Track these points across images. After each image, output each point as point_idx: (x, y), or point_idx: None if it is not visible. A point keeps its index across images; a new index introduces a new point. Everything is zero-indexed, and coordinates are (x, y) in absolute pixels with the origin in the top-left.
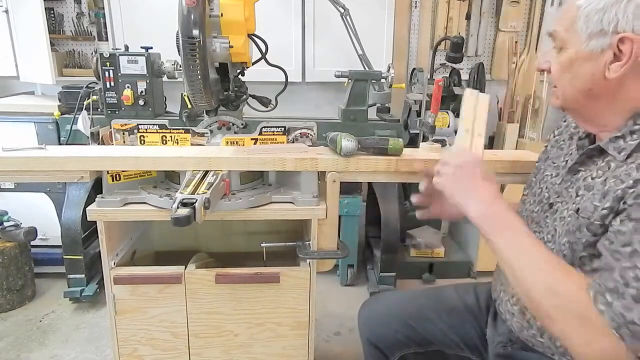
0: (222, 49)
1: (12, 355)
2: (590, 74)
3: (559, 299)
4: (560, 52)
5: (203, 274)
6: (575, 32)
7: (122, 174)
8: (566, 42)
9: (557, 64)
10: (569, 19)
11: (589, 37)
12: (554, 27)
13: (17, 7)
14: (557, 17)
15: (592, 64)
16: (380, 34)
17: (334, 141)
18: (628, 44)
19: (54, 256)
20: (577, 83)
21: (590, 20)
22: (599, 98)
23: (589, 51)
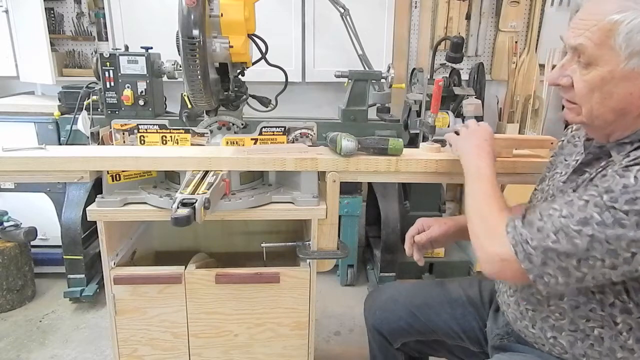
0: (222, 49)
1: (12, 355)
2: (627, 93)
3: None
4: (588, 69)
5: (203, 274)
6: (610, 49)
7: (122, 174)
8: (597, 59)
9: (584, 82)
10: (599, 32)
11: (630, 55)
12: (577, 39)
13: (17, 7)
14: (577, 26)
15: (630, 83)
16: (380, 34)
17: (334, 141)
18: None
19: (54, 256)
20: (608, 103)
21: (632, 39)
22: (628, 115)
23: (629, 70)
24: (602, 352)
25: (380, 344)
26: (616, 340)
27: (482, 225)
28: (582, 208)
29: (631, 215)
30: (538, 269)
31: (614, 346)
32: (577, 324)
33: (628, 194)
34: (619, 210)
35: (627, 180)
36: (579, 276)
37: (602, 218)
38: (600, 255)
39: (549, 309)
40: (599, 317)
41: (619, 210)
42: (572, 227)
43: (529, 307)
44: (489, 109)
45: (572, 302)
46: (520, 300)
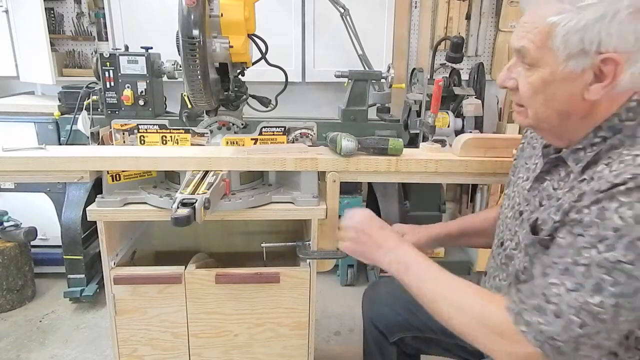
0: (222, 49)
1: (12, 355)
2: (568, 95)
3: (484, 323)
4: (531, 71)
5: (203, 274)
6: (549, 51)
7: (122, 174)
8: (539, 61)
9: (528, 84)
10: (539, 34)
11: (568, 57)
12: (520, 42)
13: (17, 7)
14: (521, 29)
15: (570, 84)
16: (380, 34)
17: (334, 141)
18: (611, 64)
19: (54, 256)
20: (552, 104)
21: (569, 40)
22: (572, 117)
23: (568, 72)
24: None
25: (375, 338)
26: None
27: (482, 329)
28: (586, 274)
29: (638, 263)
30: (571, 355)
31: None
32: None
33: (623, 238)
34: (625, 262)
35: (614, 223)
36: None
37: (614, 278)
38: (627, 317)
39: None
40: None
41: (625, 264)
42: (590, 301)
43: None
44: (489, 109)
45: None
46: None
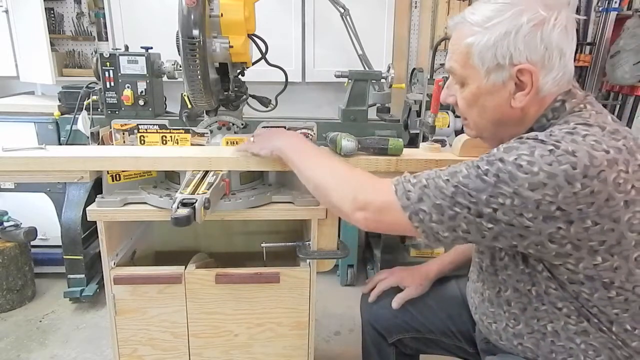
0: (222, 49)
1: (12, 355)
2: (496, 105)
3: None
4: (463, 88)
5: (203, 274)
6: (472, 68)
7: (122, 174)
8: (466, 78)
9: (462, 99)
10: (460, 55)
11: (487, 72)
12: (448, 63)
13: (17, 7)
14: (450, 51)
15: (496, 96)
16: (380, 34)
17: (334, 141)
18: (527, 74)
19: (54, 256)
20: (485, 115)
21: (484, 57)
22: (508, 124)
23: (491, 85)
24: (564, 345)
25: (374, 339)
26: (568, 328)
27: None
28: (455, 166)
29: (490, 175)
30: (414, 205)
31: (570, 335)
32: (531, 325)
33: (490, 156)
34: (481, 167)
35: (492, 151)
36: (451, 214)
37: (467, 171)
38: (465, 202)
39: (505, 317)
40: (545, 313)
41: (480, 168)
42: (441, 176)
43: (490, 320)
44: None
45: (519, 304)
46: (482, 317)
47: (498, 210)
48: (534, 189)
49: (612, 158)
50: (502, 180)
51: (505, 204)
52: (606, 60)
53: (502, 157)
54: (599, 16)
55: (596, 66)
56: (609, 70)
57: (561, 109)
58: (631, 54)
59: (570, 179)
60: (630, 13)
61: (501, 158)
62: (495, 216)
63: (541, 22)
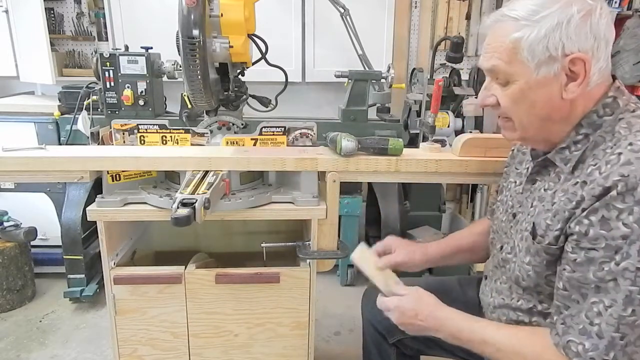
0: (222, 49)
1: (12, 355)
2: (547, 99)
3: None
4: (507, 86)
5: (203, 274)
6: (520, 63)
7: (122, 174)
8: (512, 75)
9: (507, 97)
10: (505, 52)
11: (538, 65)
12: (489, 62)
13: (17, 7)
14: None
15: (546, 89)
16: (380, 34)
17: (334, 141)
18: (580, 63)
19: (54, 256)
20: (534, 111)
21: (535, 50)
22: (555, 120)
23: (542, 78)
24: None
25: (374, 339)
26: None
27: None
28: (617, 289)
29: None
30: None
31: None
32: None
33: (634, 244)
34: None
35: (621, 231)
36: None
37: (638, 285)
38: None
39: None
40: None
41: None
42: (624, 315)
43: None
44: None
45: None
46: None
47: None
48: None
49: None
50: None
51: None
52: None
53: None
54: None
55: None
56: None
57: (614, 105)
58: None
59: None
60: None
61: None
62: None
63: (589, 12)
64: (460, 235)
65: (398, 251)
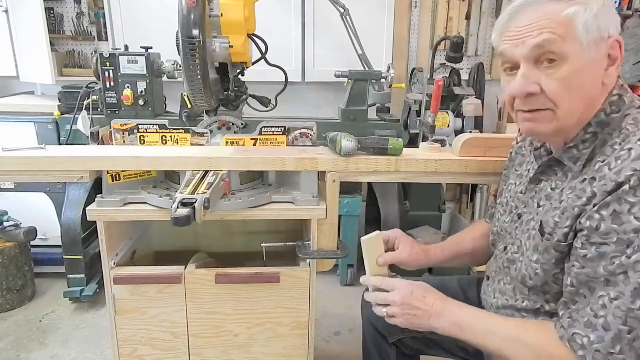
0: (222, 49)
1: (12, 355)
2: (594, 82)
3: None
4: (555, 68)
5: (203, 274)
6: (574, 41)
7: (122, 174)
8: (565, 54)
9: (557, 81)
10: (560, 27)
11: (590, 45)
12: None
13: (17, 7)
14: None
15: (595, 71)
16: (380, 34)
17: (334, 141)
18: (617, 46)
19: (54, 256)
20: (584, 96)
21: (590, 28)
22: (592, 106)
23: (592, 59)
24: None
25: (374, 339)
26: None
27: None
28: (626, 282)
29: None
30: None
31: None
32: None
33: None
34: None
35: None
36: None
37: None
38: None
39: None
40: None
41: None
42: (633, 307)
43: None
44: (489, 109)
45: None
46: None
47: None
48: None
49: None
50: None
51: None
52: None
53: None
54: None
55: None
56: None
57: (620, 103)
58: (631, 54)
59: None
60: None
61: None
62: None
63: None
64: (462, 239)
65: (402, 249)
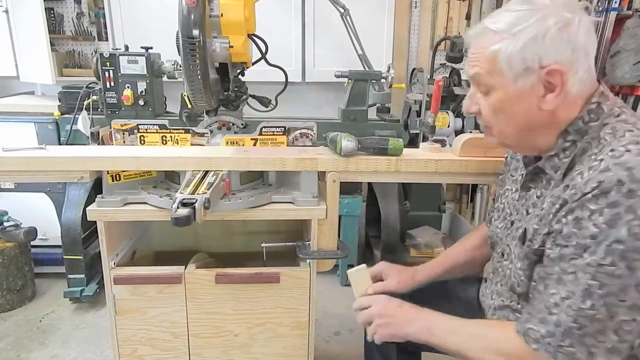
0: (222, 49)
1: (12, 355)
2: (525, 110)
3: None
4: (489, 95)
5: (203, 274)
6: (499, 74)
7: (122, 174)
8: (492, 85)
9: (488, 107)
10: (486, 62)
11: (516, 76)
12: (472, 70)
13: (17, 7)
14: (471, 59)
15: (524, 100)
16: (380, 34)
17: (334, 141)
18: (557, 75)
19: (54, 256)
20: (513, 121)
21: (512, 62)
22: (536, 129)
23: (519, 89)
24: None
25: None
26: None
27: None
28: (575, 282)
29: (618, 263)
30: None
31: None
32: None
33: (601, 243)
34: (607, 265)
35: (590, 231)
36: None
37: (599, 281)
38: (627, 315)
39: None
40: None
41: (607, 266)
42: (583, 307)
43: None
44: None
45: None
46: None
47: None
48: None
49: None
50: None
51: None
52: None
53: (617, 237)
54: (599, 16)
55: (596, 66)
56: (609, 70)
57: (598, 111)
58: (631, 54)
59: None
60: (630, 13)
61: (616, 239)
62: None
63: (567, 24)
64: (455, 253)
65: (390, 279)
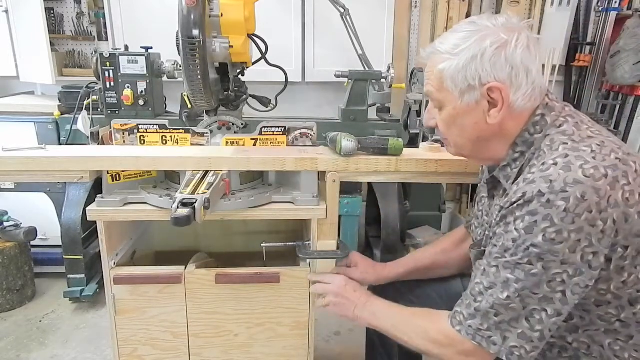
0: (222, 49)
1: (12, 355)
2: (473, 124)
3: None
4: (442, 110)
5: (203, 274)
6: (446, 91)
7: (122, 174)
8: (442, 101)
9: (441, 121)
10: (436, 80)
11: (461, 93)
12: (425, 87)
13: (17, 7)
14: (426, 78)
15: (472, 115)
16: (380, 34)
17: (334, 141)
18: (497, 92)
19: (54, 256)
20: (464, 134)
21: (456, 80)
22: (488, 140)
23: (466, 105)
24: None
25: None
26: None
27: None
28: (496, 275)
29: (535, 263)
30: (503, 346)
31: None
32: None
33: (520, 246)
34: (524, 264)
35: (512, 235)
36: (538, 335)
37: (516, 276)
38: (538, 306)
39: None
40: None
41: (525, 264)
42: (501, 297)
43: None
44: None
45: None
46: None
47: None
48: (574, 250)
49: (612, 178)
50: (548, 263)
51: (564, 279)
52: (606, 60)
53: (533, 242)
54: (599, 16)
55: (596, 66)
56: (609, 70)
57: (542, 123)
58: (631, 54)
59: (592, 222)
60: (630, 13)
61: (532, 244)
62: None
63: (503, 45)
64: (420, 256)
65: (355, 269)
